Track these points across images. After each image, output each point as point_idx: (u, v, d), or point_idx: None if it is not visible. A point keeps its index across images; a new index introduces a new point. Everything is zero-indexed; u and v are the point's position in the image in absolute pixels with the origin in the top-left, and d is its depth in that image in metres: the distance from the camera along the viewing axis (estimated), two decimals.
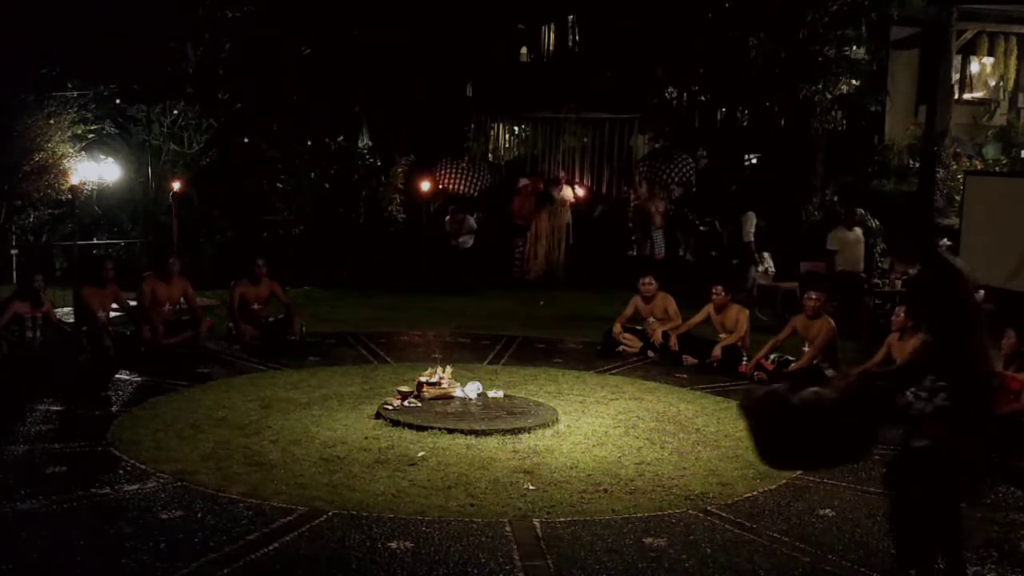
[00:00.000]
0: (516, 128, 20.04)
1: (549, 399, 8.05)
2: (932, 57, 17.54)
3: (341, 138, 16.59)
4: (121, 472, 5.92)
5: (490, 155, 19.47)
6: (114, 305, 9.51)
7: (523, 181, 17.06)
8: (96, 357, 8.31)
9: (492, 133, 19.89)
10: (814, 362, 8.97)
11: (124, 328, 9.56)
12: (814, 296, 9.22)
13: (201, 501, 5.46)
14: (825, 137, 16.98)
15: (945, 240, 13.61)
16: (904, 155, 19.32)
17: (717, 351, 9.72)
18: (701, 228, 15.99)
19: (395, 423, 7.06)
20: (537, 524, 5.29)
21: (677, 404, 8.19)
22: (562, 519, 5.39)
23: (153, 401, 7.72)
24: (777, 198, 16.67)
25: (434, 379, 7.76)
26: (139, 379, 8.47)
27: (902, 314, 8.38)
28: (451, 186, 16.91)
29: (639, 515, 5.50)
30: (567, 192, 17.06)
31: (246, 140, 17.06)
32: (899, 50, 20.06)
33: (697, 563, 4.87)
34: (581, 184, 17.91)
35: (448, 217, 15.99)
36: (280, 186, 15.69)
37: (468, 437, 6.79)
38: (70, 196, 13.62)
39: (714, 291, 10.03)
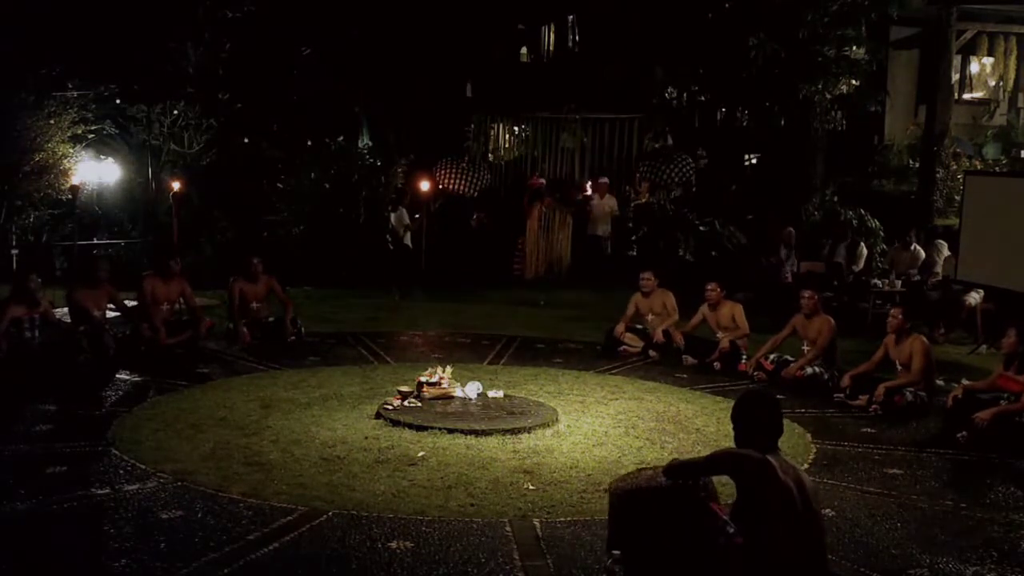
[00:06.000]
0: (516, 128, 20.05)
1: (549, 399, 8.04)
2: (932, 57, 17.57)
3: (341, 138, 16.60)
4: (121, 472, 5.92)
5: (490, 155, 19.49)
6: (111, 305, 9.50)
7: (540, 180, 17.05)
8: (96, 357, 8.30)
9: (492, 133, 19.90)
10: (815, 363, 8.96)
11: (121, 328, 9.53)
12: (807, 294, 9.20)
13: (201, 501, 5.45)
14: (825, 137, 16.99)
15: (941, 241, 13.66)
16: (904, 155, 19.37)
17: (725, 343, 9.68)
18: (701, 228, 15.96)
19: (395, 423, 7.05)
20: (537, 524, 5.29)
21: (677, 404, 8.19)
22: (562, 519, 5.38)
23: (153, 401, 7.72)
24: (777, 198, 16.68)
25: (434, 379, 7.75)
26: (139, 379, 8.46)
27: (900, 316, 8.37)
28: (451, 186, 16.92)
29: None
30: (608, 202, 16.89)
31: (246, 140, 17.07)
32: (899, 50, 20.10)
33: None
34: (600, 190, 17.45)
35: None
36: (280, 186, 15.69)
37: (468, 437, 6.79)
38: (70, 196, 13.63)
39: (708, 287, 10.01)
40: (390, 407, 7.35)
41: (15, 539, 4.92)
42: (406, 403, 7.42)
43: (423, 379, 7.74)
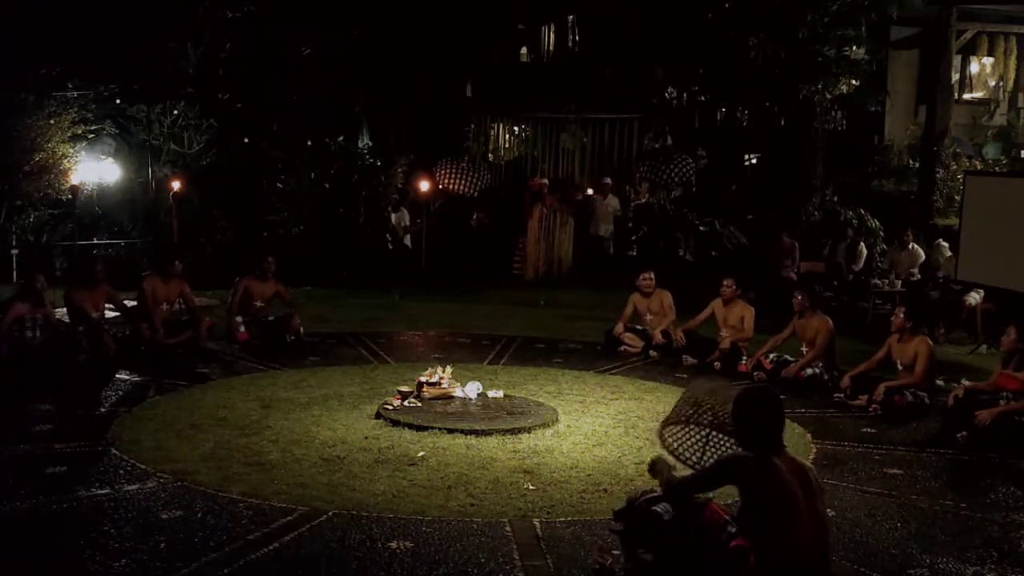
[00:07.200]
0: (516, 128, 20.03)
1: (549, 399, 8.04)
2: (932, 57, 17.56)
3: (341, 138, 16.60)
4: (121, 472, 5.92)
5: (490, 155, 19.47)
6: (110, 305, 9.51)
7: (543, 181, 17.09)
8: (96, 357, 8.30)
9: (492, 133, 19.88)
10: (814, 364, 8.96)
11: (121, 328, 9.54)
12: (799, 296, 9.23)
13: (201, 501, 5.45)
14: (825, 137, 16.98)
15: (943, 242, 13.65)
16: (904, 155, 19.37)
17: (726, 343, 9.69)
18: (701, 228, 15.96)
19: (395, 423, 7.05)
20: (537, 524, 5.29)
21: None
22: (562, 519, 5.38)
23: (153, 401, 7.72)
24: (777, 198, 16.68)
25: (434, 379, 7.75)
26: (139, 379, 8.46)
27: (901, 315, 8.38)
28: (451, 186, 16.92)
29: None
30: (610, 202, 16.91)
31: (246, 140, 17.07)
32: (899, 50, 20.10)
33: None
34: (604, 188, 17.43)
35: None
36: (280, 186, 15.69)
37: (468, 437, 6.79)
38: (70, 196, 13.63)
39: (725, 283, 9.99)
40: (390, 407, 7.35)
41: (15, 539, 4.92)
42: (406, 403, 7.42)
43: (423, 379, 7.74)
